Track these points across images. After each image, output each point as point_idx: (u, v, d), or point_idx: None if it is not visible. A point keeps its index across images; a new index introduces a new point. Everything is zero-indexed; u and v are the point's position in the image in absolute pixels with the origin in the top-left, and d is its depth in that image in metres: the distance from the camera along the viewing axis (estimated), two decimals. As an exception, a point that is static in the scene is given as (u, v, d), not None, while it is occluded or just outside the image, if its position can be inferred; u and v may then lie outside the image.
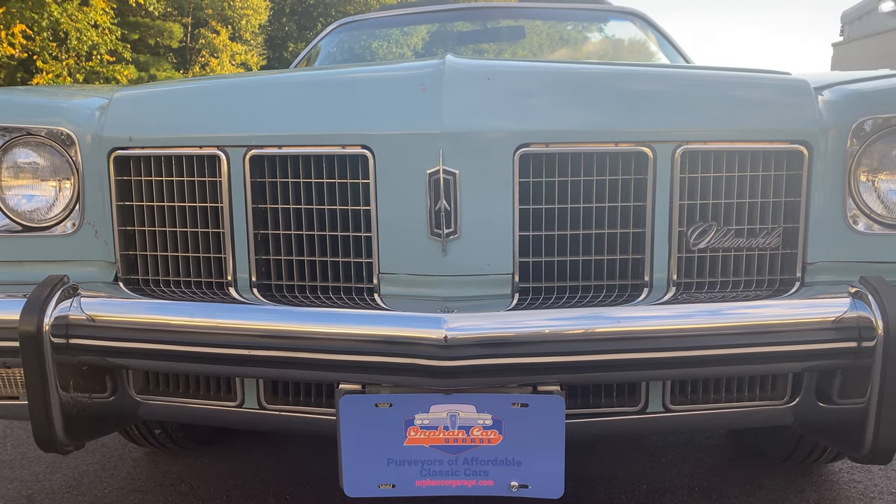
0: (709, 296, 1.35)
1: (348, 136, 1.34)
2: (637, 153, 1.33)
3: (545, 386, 1.27)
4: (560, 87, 1.38)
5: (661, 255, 1.37)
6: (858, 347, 1.23)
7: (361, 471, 1.29)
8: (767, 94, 1.39)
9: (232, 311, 1.32)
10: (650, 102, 1.35)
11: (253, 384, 1.46)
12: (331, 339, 1.24)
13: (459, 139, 1.29)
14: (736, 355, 1.25)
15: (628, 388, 1.43)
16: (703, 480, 2.20)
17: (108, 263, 1.49)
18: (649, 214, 1.35)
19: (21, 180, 1.48)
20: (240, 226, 1.41)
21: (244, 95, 1.46)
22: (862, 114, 1.35)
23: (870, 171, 1.38)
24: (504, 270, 1.35)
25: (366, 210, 1.36)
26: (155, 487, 2.19)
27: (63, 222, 1.48)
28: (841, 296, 1.27)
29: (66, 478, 2.27)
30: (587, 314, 1.27)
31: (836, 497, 2.09)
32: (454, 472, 1.28)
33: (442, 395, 1.26)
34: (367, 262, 1.38)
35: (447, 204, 1.31)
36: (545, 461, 1.28)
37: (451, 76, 1.32)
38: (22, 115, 1.47)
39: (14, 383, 1.47)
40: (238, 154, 1.38)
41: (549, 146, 1.32)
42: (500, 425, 1.26)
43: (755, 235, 1.38)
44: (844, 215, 1.38)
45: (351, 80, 1.43)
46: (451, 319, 1.20)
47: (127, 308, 1.35)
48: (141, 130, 1.43)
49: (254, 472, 2.27)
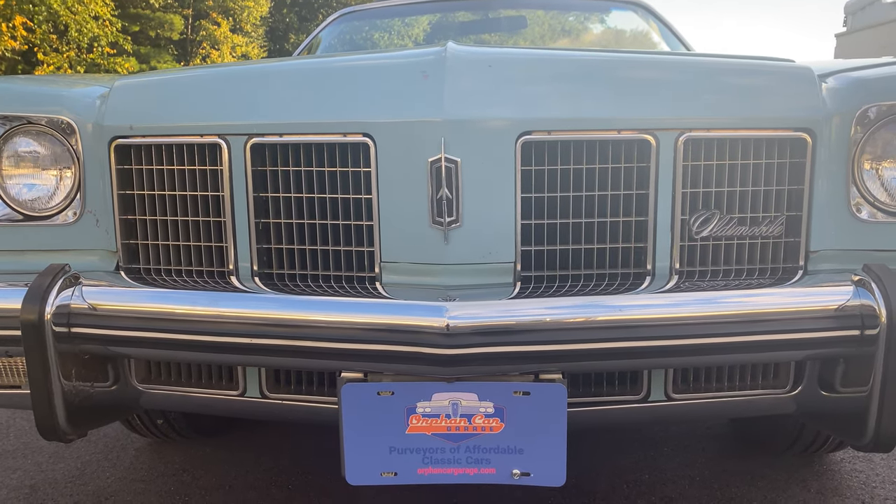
0: (711, 284, 1.34)
1: (349, 124, 1.33)
2: (640, 141, 1.33)
3: (547, 374, 1.26)
4: (562, 74, 1.37)
5: (663, 244, 1.36)
6: (861, 335, 1.23)
7: (363, 459, 1.29)
8: (771, 81, 1.38)
9: (234, 300, 1.31)
10: (653, 90, 1.35)
11: (255, 373, 1.46)
12: (333, 327, 1.23)
13: (461, 127, 1.29)
14: (738, 343, 1.25)
15: (630, 377, 1.43)
16: (704, 470, 2.20)
17: (110, 252, 1.48)
18: (652, 202, 1.34)
19: (22, 169, 1.48)
20: (241, 214, 1.40)
21: (245, 84, 1.46)
22: (866, 101, 1.34)
23: (873, 159, 1.38)
24: (506, 259, 1.35)
25: (367, 199, 1.35)
26: (158, 477, 2.20)
27: (64, 211, 1.48)
28: (844, 284, 1.27)
29: (69, 467, 2.28)
30: (589, 302, 1.26)
31: (838, 486, 2.09)
32: (456, 460, 1.28)
33: (444, 384, 1.26)
34: (369, 251, 1.38)
35: (449, 192, 1.30)
36: (547, 449, 1.27)
37: (453, 63, 1.31)
38: (22, 103, 1.47)
39: (16, 372, 1.47)
40: (239, 142, 1.38)
41: (551, 134, 1.31)
42: (502, 413, 1.26)
43: (758, 224, 1.37)
44: (848, 203, 1.37)
45: (352, 68, 1.42)
46: (453, 308, 1.20)
47: (129, 297, 1.35)
48: (142, 119, 1.42)
49: (256, 462, 2.28)
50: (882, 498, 2.02)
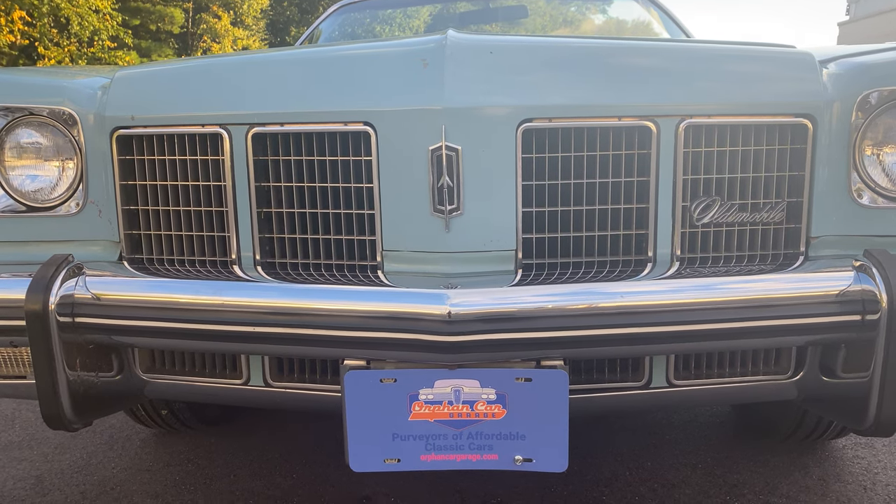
0: (712, 271, 1.34)
1: (350, 112, 1.33)
2: (640, 127, 1.33)
3: (549, 360, 1.27)
4: (563, 61, 1.37)
5: (664, 230, 1.36)
6: (862, 321, 1.23)
7: (367, 446, 1.30)
8: (772, 67, 1.38)
9: (237, 289, 1.32)
10: (654, 76, 1.34)
11: (258, 362, 1.46)
12: (335, 315, 1.24)
13: (462, 115, 1.29)
14: (739, 329, 1.25)
15: (632, 364, 1.43)
16: (706, 457, 2.21)
17: (112, 243, 1.49)
18: (653, 189, 1.34)
19: (24, 160, 1.48)
20: (243, 204, 1.41)
21: (246, 73, 1.46)
22: (867, 86, 1.34)
23: (874, 145, 1.38)
24: (507, 247, 1.35)
25: (368, 187, 1.36)
26: (163, 467, 2.21)
27: (67, 202, 1.48)
28: (845, 269, 1.27)
29: (74, 458, 2.29)
30: (590, 289, 1.27)
31: (840, 472, 2.10)
32: (459, 446, 1.29)
33: (446, 370, 1.26)
34: (371, 240, 1.38)
35: (450, 180, 1.31)
36: (549, 435, 1.28)
37: (454, 51, 1.31)
38: (24, 94, 1.47)
39: (21, 362, 1.48)
40: (240, 132, 1.38)
41: (552, 121, 1.31)
42: (504, 400, 1.27)
43: (759, 210, 1.37)
44: (849, 189, 1.37)
45: (353, 57, 1.42)
46: (455, 295, 1.20)
47: (132, 286, 1.36)
48: (143, 109, 1.43)
49: (261, 451, 2.29)
50: (884, 484, 2.02)
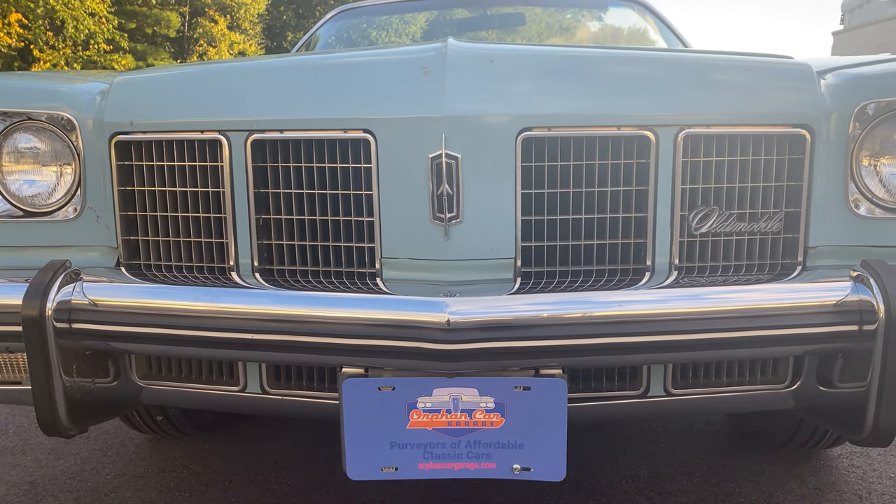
0: (710, 280, 1.35)
1: (350, 120, 1.34)
2: (639, 137, 1.33)
3: (547, 369, 1.27)
4: (563, 70, 1.37)
5: (663, 240, 1.37)
6: (860, 331, 1.23)
7: (364, 454, 1.29)
8: (770, 77, 1.38)
9: (235, 296, 1.32)
10: (653, 86, 1.35)
11: (255, 369, 1.46)
12: (333, 322, 1.24)
13: (462, 123, 1.29)
14: (737, 339, 1.25)
15: (630, 372, 1.43)
16: (703, 466, 2.21)
17: (110, 248, 1.48)
18: (651, 199, 1.35)
19: (22, 165, 1.48)
20: (242, 210, 1.40)
21: (245, 80, 1.46)
22: (865, 97, 1.35)
23: (872, 155, 1.38)
24: (506, 255, 1.35)
25: (368, 195, 1.36)
26: (157, 473, 2.20)
27: (64, 207, 1.48)
28: (842, 279, 1.28)
29: (68, 464, 2.28)
30: (589, 298, 1.27)
31: (836, 482, 2.10)
32: (457, 455, 1.28)
33: (444, 379, 1.26)
34: (370, 247, 1.38)
35: (449, 188, 1.31)
36: (547, 444, 1.28)
37: (454, 59, 1.31)
38: (22, 99, 1.47)
39: (17, 368, 1.47)
40: (239, 138, 1.38)
41: (551, 130, 1.31)
42: (503, 408, 1.27)
43: (757, 220, 1.38)
44: (846, 199, 1.38)
45: (352, 64, 1.42)
46: (454, 303, 1.20)
47: (129, 292, 1.35)
48: (142, 115, 1.43)
49: (256, 458, 2.28)
50: (879, 493, 2.03)
